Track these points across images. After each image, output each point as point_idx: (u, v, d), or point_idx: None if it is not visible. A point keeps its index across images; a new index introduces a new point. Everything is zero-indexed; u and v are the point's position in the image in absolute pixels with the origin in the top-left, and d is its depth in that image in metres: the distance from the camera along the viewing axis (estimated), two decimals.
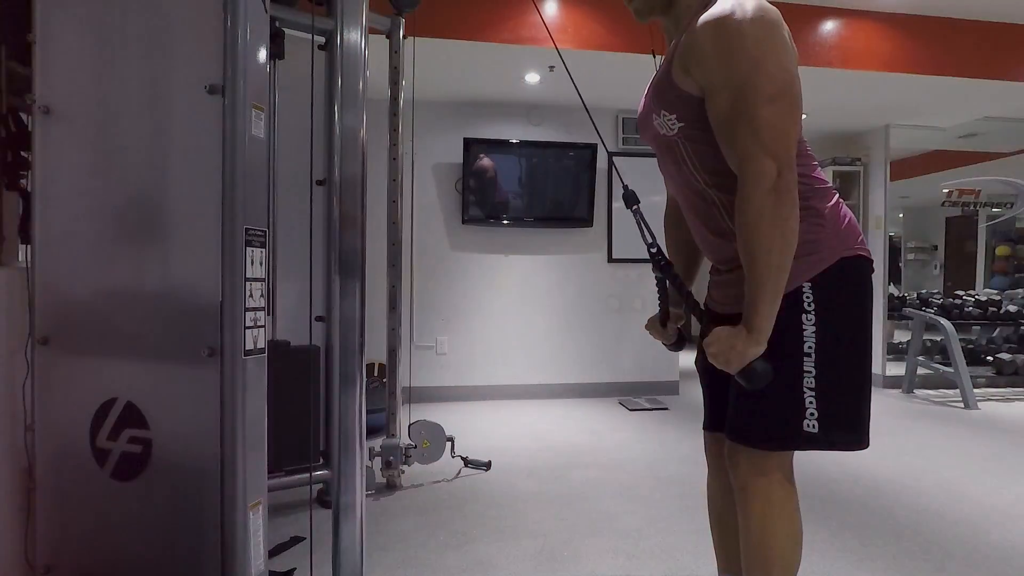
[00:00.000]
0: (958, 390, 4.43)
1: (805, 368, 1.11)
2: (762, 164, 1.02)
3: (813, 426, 1.11)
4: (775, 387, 1.11)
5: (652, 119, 1.22)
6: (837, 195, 1.20)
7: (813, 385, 1.11)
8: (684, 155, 1.20)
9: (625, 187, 1.30)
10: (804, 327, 1.11)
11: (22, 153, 1.45)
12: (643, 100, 1.31)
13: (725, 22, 1.04)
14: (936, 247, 7.52)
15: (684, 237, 1.45)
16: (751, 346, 1.06)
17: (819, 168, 1.20)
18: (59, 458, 1.30)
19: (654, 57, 1.37)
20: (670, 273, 1.26)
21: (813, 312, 1.11)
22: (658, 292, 1.35)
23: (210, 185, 1.20)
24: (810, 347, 1.11)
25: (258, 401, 1.24)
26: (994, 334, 5.62)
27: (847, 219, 1.17)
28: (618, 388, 4.67)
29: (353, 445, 1.43)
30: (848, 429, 1.15)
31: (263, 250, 1.25)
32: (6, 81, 1.42)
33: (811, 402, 1.11)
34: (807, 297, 1.12)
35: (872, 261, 1.19)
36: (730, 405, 1.20)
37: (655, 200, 5.46)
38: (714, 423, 1.36)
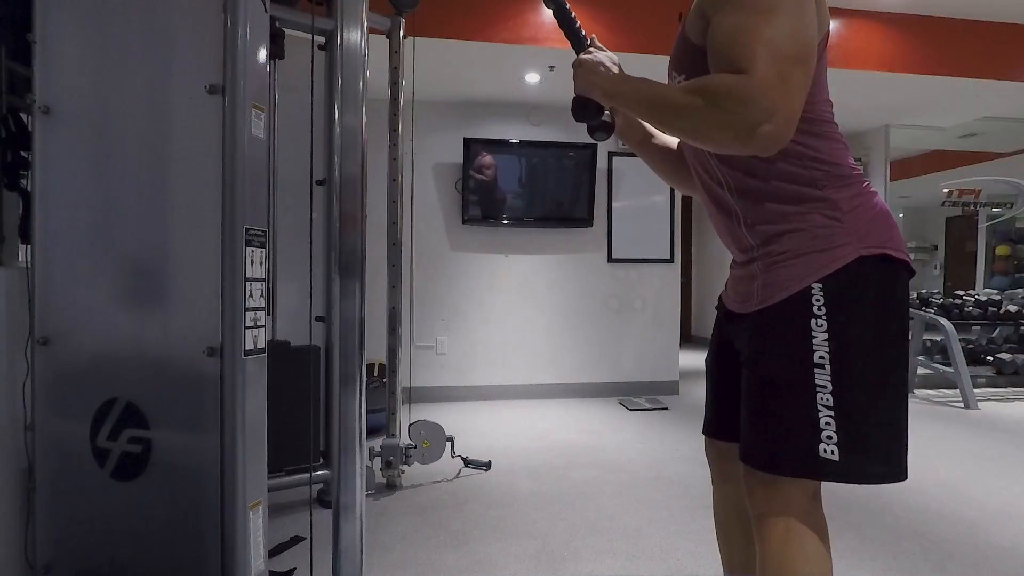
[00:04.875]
0: (958, 390, 4.43)
1: (817, 381, 0.96)
2: (763, 88, 0.86)
3: (832, 452, 0.95)
4: (784, 402, 0.99)
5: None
6: (866, 183, 1.04)
7: (830, 403, 0.95)
8: None
9: None
10: (814, 333, 0.97)
11: (22, 153, 1.45)
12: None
13: None
14: (936, 247, 7.52)
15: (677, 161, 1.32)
16: (607, 81, 1.05)
17: (848, 153, 1.05)
18: (59, 458, 1.30)
19: (680, 19, 1.31)
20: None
21: (825, 317, 0.97)
22: (560, 23, 1.19)
23: (210, 185, 1.20)
24: (822, 357, 0.96)
25: (258, 401, 1.24)
26: (994, 334, 5.62)
27: (874, 212, 1.01)
28: (618, 388, 4.67)
29: (353, 445, 1.43)
30: (877, 458, 0.97)
31: (263, 250, 1.25)
32: (6, 81, 1.41)
33: (828, 423, 0.95)
34: (817, 299, 0.98)
35: (907, 262, 1.01)
36: (741, 423, 1.06)
37: (656, 200, 5.42)
38: (716, 430, 1.25)
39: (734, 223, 1.10)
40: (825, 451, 0.95)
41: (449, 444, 2.72)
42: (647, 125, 1.28)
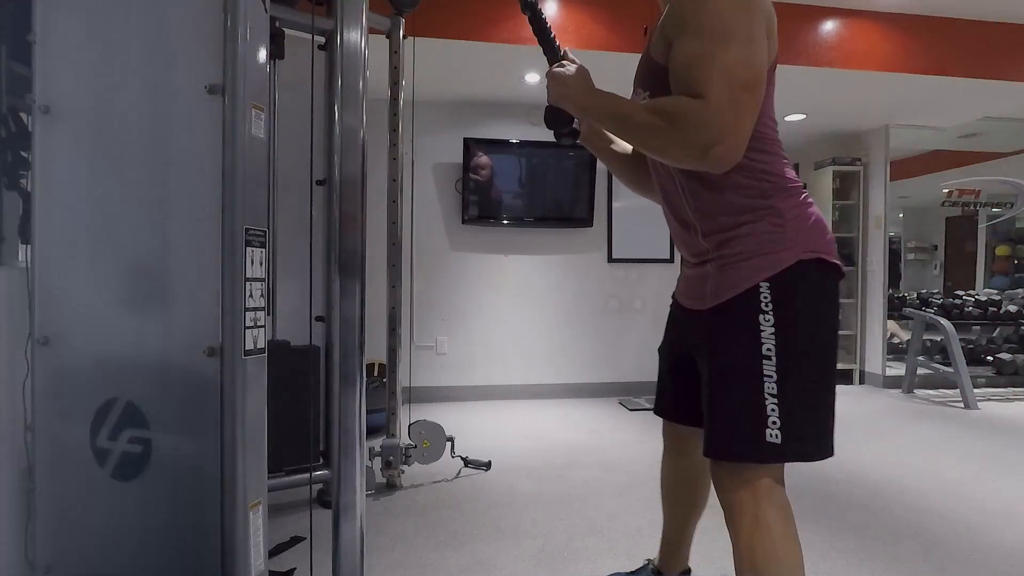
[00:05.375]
0: (958, 390, 4.43)
1: (765, 372, 1.07)
2: (716, 116, 0.97)
3: (775, 436, 1.06)
4: (737, 392, 1.09)
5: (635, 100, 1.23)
6: (805, 194, 1.16)
7: (775, 391, 1.06)
8: None
9: None
10: (762, 327, 1.08)
11: (22, 153, 1.45)
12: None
13: None
14: (936, 247, 7.52)
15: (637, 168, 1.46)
16: (578, 94, 1.16)
17: (789, 166, 1.16)
18: (59, 458, 1.30)
19: (645, 34, 1.38)
20: (535, 9, 1.28)
21: (771, 312, 1.08)
22: (535, 33, 1.31)
23: (210, 185, 1.20)
24: (769, 349, 1.07)
25: (258, 401, 1.24)
26: (994, 334, 5.63)
27: (812, 219, 1.13)
28: (618, 388, 4.67)
29: (353, 445, 1.43)
30: (810, 439, 1.10)
31: (263, 250, 1.25)
32: (6, 81, 1.41)
33: (773, 409, 1.06)
34: (764, 297, 1.09)
35: (837, 265, 1.14)
36: (704, 419, 1.16)
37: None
38: (670, 411, 1.40)
39: (691, 232, 1.21)
40: (770, 436, 1.06)
41: (449, 444, 2.72)
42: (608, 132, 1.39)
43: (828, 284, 1.13)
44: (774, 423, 1.06)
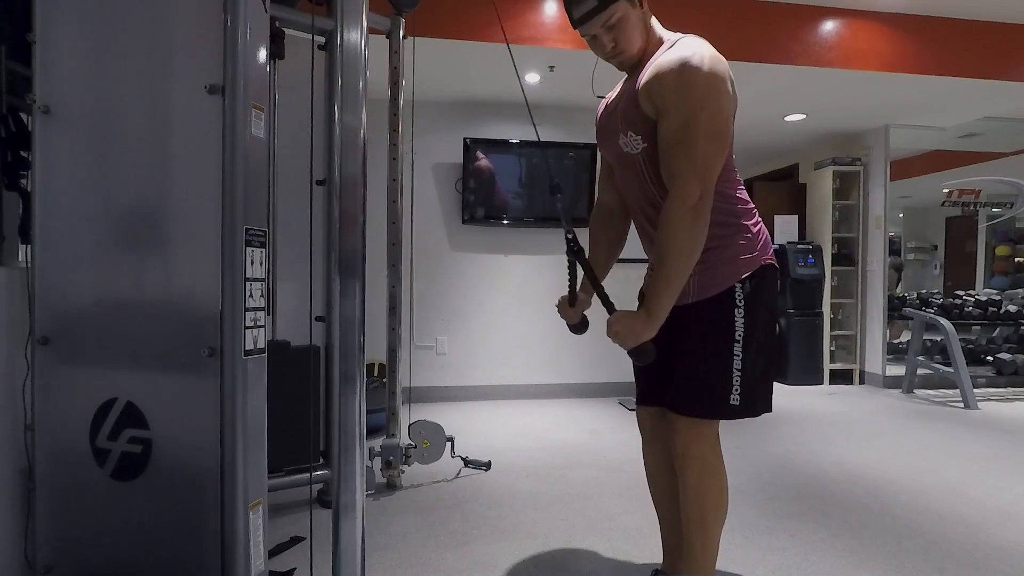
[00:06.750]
0: (958, 390, 4.43)
1: (735, 353, 1.39)
2: (690, 186, 1.27)
3: (736, 400, 1.39)
4: (713, 367, 1.39)
5: (618, 138, 1.46)
6: (757, 213, 1.49)
7: (739, 366, 1.39)
8: (643, 170, 1.44)
9: (552, 179, 1.61)
10: (736, 320, 1.39)
11: (22, 153, 1.45)
12: (603, 117, 1.58)
13: (686, 64, 1.30)
14: (936, 247, 7.51)
15: (609, 238, 1.71)
16: (648, 330, 1.31)
17: (744, 191, 1.47)
18: (59, 458, 1.30)
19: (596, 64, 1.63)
20: (583, 259, 1.51)
21: (743, 307, 1.39)
22: (569, 275, 1.59)
23: (210, 185, 1.20)
24: (739, 335, 1.39)
25: (258, 401, 1.24)
26: (994, 334, 5.63)
27: (765, 233, 1.48)
28: (618, 388, 4.67)
29: (353, 445, 1.43)
30: (760, 400, 1.44)
31: (263, 250, 1.25)
32: (6, 81, 1.41)
33: (736, 380, 1.39)
34: (738, 296, 1.40)
35: (778, 268, 1.49)
36: (674, 384, 1.44)
37: None
38: (651, 398, 1.59)
39: None
40: (733, 400, 1.39)
41: (449, 444, 2.72)
42: (584, 279, 1.64)
43: (775, 282, 1.46)
44: (736, 390, 1.39)
